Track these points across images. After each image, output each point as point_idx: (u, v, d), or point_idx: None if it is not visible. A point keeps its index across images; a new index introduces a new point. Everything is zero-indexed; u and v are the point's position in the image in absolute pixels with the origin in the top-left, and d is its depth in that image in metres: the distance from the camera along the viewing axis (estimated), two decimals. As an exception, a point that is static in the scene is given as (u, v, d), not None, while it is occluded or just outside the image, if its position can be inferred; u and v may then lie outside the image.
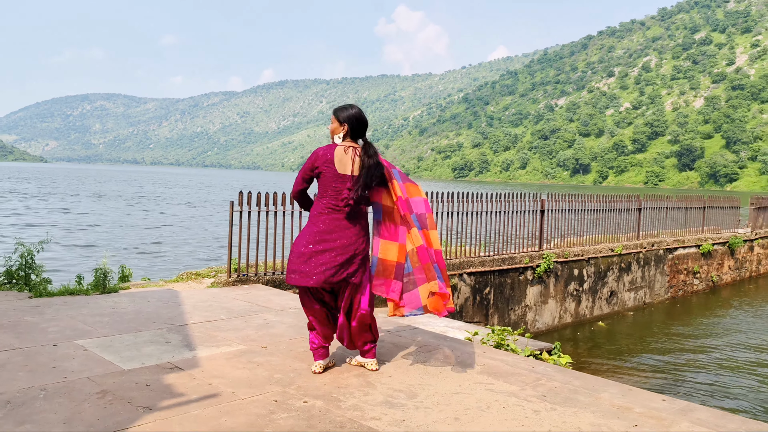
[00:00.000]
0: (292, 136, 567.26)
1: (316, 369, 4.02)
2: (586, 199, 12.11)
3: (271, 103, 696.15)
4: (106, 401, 3.37)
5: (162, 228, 26.32)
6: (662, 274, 13.92)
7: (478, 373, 4.23)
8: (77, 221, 27.55)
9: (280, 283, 7.42)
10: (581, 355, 9.59)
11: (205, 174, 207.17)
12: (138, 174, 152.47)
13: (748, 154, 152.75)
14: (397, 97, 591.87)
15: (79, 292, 6.26)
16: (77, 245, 19.47)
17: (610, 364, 9.20)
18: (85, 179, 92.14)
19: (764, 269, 18.41)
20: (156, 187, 74.36)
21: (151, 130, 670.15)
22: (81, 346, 4.39)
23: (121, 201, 43.94)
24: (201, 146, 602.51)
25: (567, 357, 6.02)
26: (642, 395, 3.91)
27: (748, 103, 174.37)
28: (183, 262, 16.99)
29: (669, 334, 11.12)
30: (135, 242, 20.97)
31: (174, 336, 4.79)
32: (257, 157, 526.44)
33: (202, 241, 22.39)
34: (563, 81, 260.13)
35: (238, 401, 3.47)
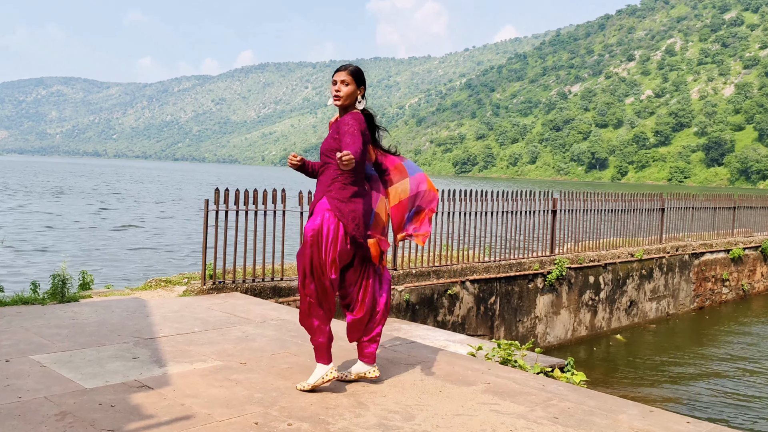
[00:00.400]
0: (273, 126, 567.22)
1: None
2: (602, 198, 12.17)
3: (250, 89, 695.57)
4: (65, 423, 3.38)
5: (128, 229, 26.27)
6: (687, 281, 14.01)
7: (483, 392, 4.26)
8: (31, 221, 27.45)
9: (261, 292, 7.43)
10: (597, 372, 9.64)
11: (176, 168, 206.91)
12: (100, 168, 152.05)
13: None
14: (391, 83, 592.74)
15: (34, 301, 6.26)
16: (31, 249, 19.41)
17: (630, 383, 9.26)
18: (40, 174, 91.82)
19: (801, 276, 18.55)
20: (120, 183, 74.21)
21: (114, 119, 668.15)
22: (37, 362, 4.39)
23: (81, 199, 43.82)
24: (171, 137, 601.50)
25: (581, 374, 6.06)
26: (664, 417, 3.95)
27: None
28: (152, 268, 16.96)
29: (695, 350, 11.20)
30: (97, 245, 20.91)
31: (142, 351, 4.80)
32: (234, 150, 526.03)
33: (174, 244, 22.36)
34: (578, 65, 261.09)
35: (214, 423, 3.48)
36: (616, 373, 9.75)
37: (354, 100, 4.12)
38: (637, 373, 9.77)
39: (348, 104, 4.11)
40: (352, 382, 4.29)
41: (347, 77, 4.07)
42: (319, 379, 4.02)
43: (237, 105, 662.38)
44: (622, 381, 9.33)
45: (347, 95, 4.07)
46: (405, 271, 8.79)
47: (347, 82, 4.07)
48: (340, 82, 4.07)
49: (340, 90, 4.06)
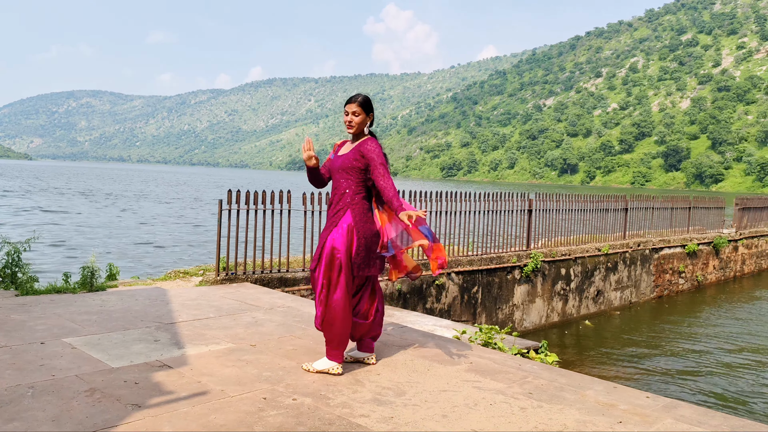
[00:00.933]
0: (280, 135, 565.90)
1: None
2: (573, 199, 12.20)
3: (260, 102, 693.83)
4: (94, 399, 3.38)
5: (150, 226, 26.18)
6: (648, 273, 14.06)
7: (466, 371, 4.27)
8: (64, 220, 27.34)
9: (269, 282, 7.43)
10: (568, 353, 9.67)
11: (193, 172, 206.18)
12: (125, 172, 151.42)
13: (733, 155, 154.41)
14: (385, 96, 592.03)
15: (66, 290, 6.24)
16: (64, 244, 19.33)
17: (597, 363, 9.29)
18: (71, 177, 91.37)
19: (748, 269, 18.64)
20: (143, 185, 73.91)
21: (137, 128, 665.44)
22: (69, 344, 4.38)
23: (109, 199, 43.64)
24: (188, 144, 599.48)
25: (554, 355, 6.08)
26: (627, 392, 3.97)
27: (733, 104, 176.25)
28: (171, 261, 16.92)
29: (655, 334, 11.24)
30: (123, 240, 20.85)
31: (162, 334, 4.80)
32: (245, 156, 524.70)
33: (191, 239, 22.30)
34: (551, 81, 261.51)
35: (227, 399, 3.48)
36: (585, 354, 9.78)
37: (364, 127, 4.19)
38: (603, 354, 9.80)
39: (360, 131, 4.18)
40: (351, 363, 4.31)
41: (357, 108, 4.13)
42: (326, 368, 4.03)
43: (247, 116, 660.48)
44: (590, 361, 9.36)
45: (358, 124, 4.14)
46: (397, 264, 8.78)
47: (357, 113, 4.13)
48: (351, 113, 4.13)
49: (352, 120, 4.13)
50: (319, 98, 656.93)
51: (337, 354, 4.04)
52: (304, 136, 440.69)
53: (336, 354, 4.04)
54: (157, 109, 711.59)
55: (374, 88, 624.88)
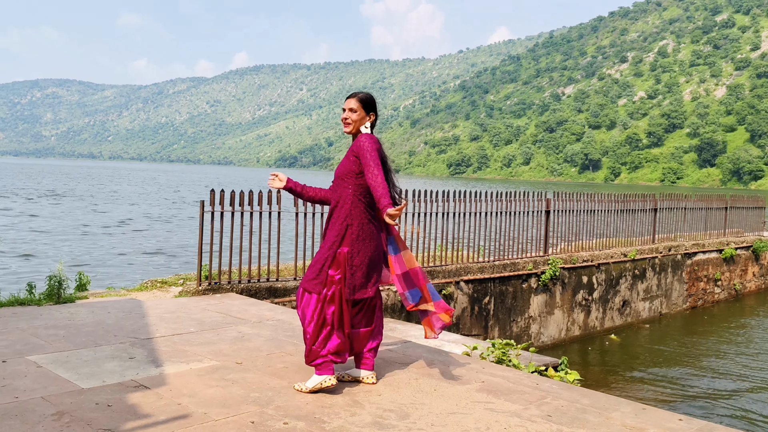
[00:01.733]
0: (268, 128, 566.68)
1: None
2: (596, 199, 12.22)
3: (245, 91, 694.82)
4: (62, 423, 3.38)
5: (124, 231, 26.21)
6: (680, 281, 14.07)
7: (477, 390, 4.27)
8: (27, 224, 27.36)
9: (256, 292, 7.44)
10: (591, 371, 9.68)
11: (171, 170, 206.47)
12: (95, 170, 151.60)
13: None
14: (386, 85, 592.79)
15: (30, 302, 6.25)
16: (27, 251, 19.35)
17: (623, 381, 9.29)
18: (36, 176, 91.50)
19: (792, 276, 18.64)
20: (116, 185, 74.01)
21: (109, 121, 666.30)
22: (33, 362, 4.39)
23: (79, 201, 43.69)
24: (166, 139, 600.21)
25: (575, 373, 6.09)
26: (657, 414, 3.97)
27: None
28: (148, 270, 16.93)
29: (688, 349, 11.25)
30: (94, 247, 20.87)
31: (138, 351, 4.80)
32: (229, 151, 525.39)
33: (170, 245, 22.32)
34: (571, 67, 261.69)
35: (211, 423, 3.49)
36: (610, 372, 9.79)
37: (361, 127, 4.18)
38: (630, 372, 9.81)
39: (357, 131, 4.18)
40: (349, 382, 4.31)
41: (356, 104, 4.12)
42: (317, 384, 4.03)
43: (232, 107, 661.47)
44: (615, 380, 9.36)
45: (354, 122, 4.13)
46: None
47: (355, 110, 4.12)
48: (349, 110, 4.13)
49: (348, 117, 4.14)
50: (311, 87, 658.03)
51: (329, 368, 4.06)
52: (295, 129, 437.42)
53: (326, 369, 4.06)
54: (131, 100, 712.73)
55: (373, 75, 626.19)
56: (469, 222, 9.81)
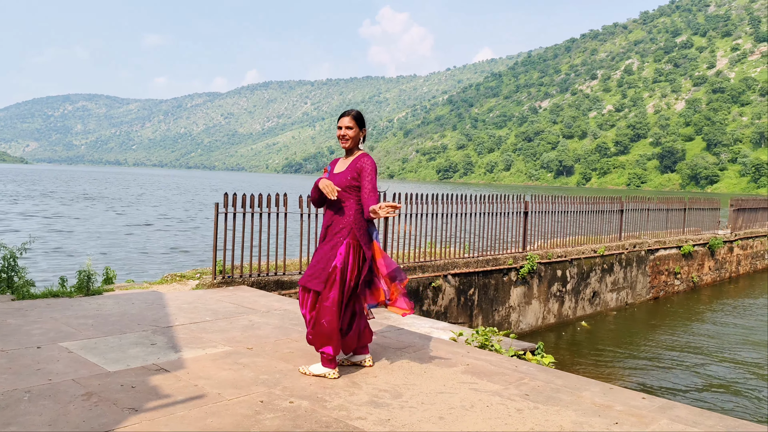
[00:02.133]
0: (276, 138, 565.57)
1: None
2: (569, 201, 12.23)
3: (256, 105, 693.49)
4: (91, 403, 3.37)
5: (147, 230, 26.13)
6: (644, 274, 14.09)
7: (463, 372, 4.28)
8: (60, 224, 27.27)
9: (265, 285, 7.43)
10: (564, 355, 9.68)
11: (189, 175, 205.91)
12: (121, 175, 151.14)
13: (728, 157, 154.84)
14: (381, 99, 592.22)
15: (62, 294, 6.23)
16: (60, 248, 19.28)
17: (593, 364, 9.30)
18: (68, 181, 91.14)
19: (744, 270, 18.69)
20: (140, 188, 73.79)
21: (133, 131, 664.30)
22: (65, 348, 4.38)
23: (106, 203, 43.55)
24: (184, 147, 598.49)
25: (550, 357, 6.08)
26: (623, 394, 3.98)
27: (728, 105, 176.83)
28: (168, 265, 16.89)
29: (651, 334, 11.27)
30: (120, 245, 20.80)
31: (159, 338, 4.79)
32: (241, 159, 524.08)
33: (188, 243, 22.27)
34: (547, 83, 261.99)
35: (224, 402, 3.48)
36: (581, 355, 9.80)
37: (358, 142, 4.20)
38: (599, 355, 9.82)
39: (354, 146, 4.17)
40: (348, 366, 4.31)
41: (351, 122, 4.13)
42: (321, 374, 4.02)
43: (244, 119, 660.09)
44: (586, 362, 9.38)
45: (352, 138, 4.14)
46: (394, 266, 8.79)
47: (351, 127, 4.12)
48: (345, 127, 4.13)
49: (346, 134, 4.13)
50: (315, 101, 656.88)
51: (332, 362, 4.04)
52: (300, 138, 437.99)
53: (331, 364, 4.04)
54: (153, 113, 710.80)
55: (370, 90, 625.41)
56: (456, 222, 9.82)
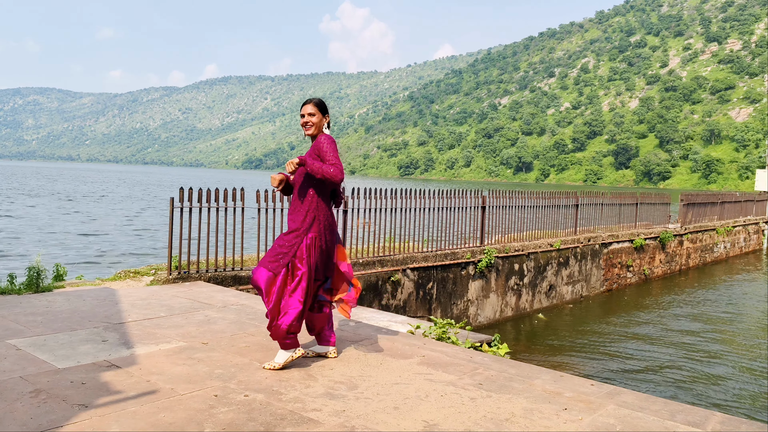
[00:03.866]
0: (236, 133, 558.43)
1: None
2: (525, 196, 12.43)
3: (215, 100, 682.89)
4: (39, 400, 3.30)
5: (100, 226, 25.52)
6: (598, 267, 14.44)
7: (418, 364, 4.33)
8: (6, 220, 26.41)
9: (223, 280, 7.36)
10: (521, 346, 9.86)
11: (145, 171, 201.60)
12: (73, 171, 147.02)
13: (680, 153, 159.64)
14: (342, 95, 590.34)
15: (10, 291, 6.06)
16: (8, 246, 18.69)
17: (548, 354, 9.50)
18: (15, 177, 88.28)
19: (693, 263, 19.31)
20: (92, 185, 71.95)
21: (87, 126, 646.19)
22: (13, 346, 4.26)
23: (57, 199, 42.34)
24: (140, 143, 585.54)
25: (505, 347, 6.20)
26: (572, 381, 4.09)
27: (680, 104, 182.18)
28: (121, 261, 16.54)
29: (604, 325, 11.56)
30: (71, 242, 20.27)
31: (111, 334, 4.71)
32: (200, 155, 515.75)
33: (142, 239, 21.83)
34: (506, 80, 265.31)
35: (177, 397, 3.45)
36: (537, 346, 9.99)
37: (321, 128, 4.23)
38: (555, 346, 10.03)
39: (317, 133, 4.21)
40: (311, 358, 4.33)
41: (313, 109, 4.18)
42: (287, 358, 4.04)
43: (202, 114, 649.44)
44: (542, 353, 9.57)
45: (316, 124, 4.18)
46: (353, 261, 8.81)
47: (314, 113, 4.17)
48: (308, 114, 4.18)
49: (308, 121, 4.18)
50: (275, 96, 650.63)
51: (293, 344, 4.07)
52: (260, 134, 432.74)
53: (291, 345, 4.06)
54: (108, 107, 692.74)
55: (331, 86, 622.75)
56: (415, 216, 9.87)
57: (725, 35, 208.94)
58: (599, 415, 3.45)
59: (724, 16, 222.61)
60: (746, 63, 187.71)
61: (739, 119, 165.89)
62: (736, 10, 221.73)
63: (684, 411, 3.61)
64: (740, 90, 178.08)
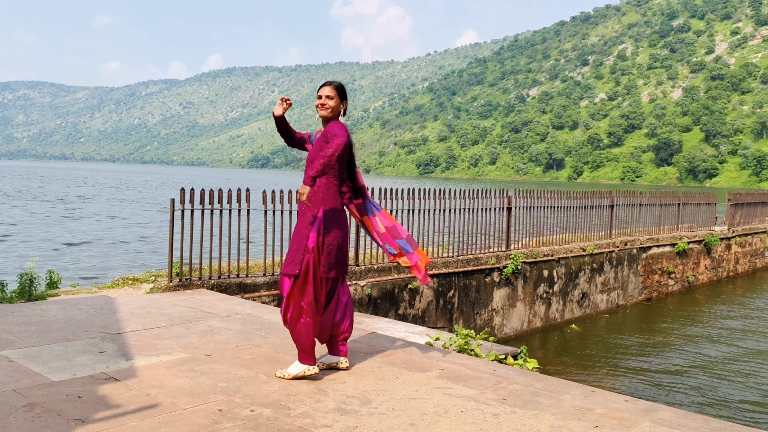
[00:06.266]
0: (241, 129, 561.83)
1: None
2: (555, 196, 12.41)
3: (218, 93, 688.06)
4: (33, 414, 3.40)
5: (96, 230, 25.86)
6: (636, 274, 14.37)
7: (437, 377, 4.37)
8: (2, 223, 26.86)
9: (227, 288, 7.45)
10: (552, 359, 9.85)
11: (144, 171, 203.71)
12: (68, 171, 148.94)
13: (728, 148, 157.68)
14: (356, 87, 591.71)
15: (2, 300, 6.20)
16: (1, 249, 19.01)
17: (581, 368, 9.49)
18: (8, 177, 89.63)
19: (742, 269, 19.13)
20: (88, 186, 72.85)
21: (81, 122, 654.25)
22: (5, 357, 4.38)
23: (50, 201, 42.93)
24: (139, 140, 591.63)
25: (533, 362, 6.21)
26: (604, 396, 4.11)
27: (728, 93, 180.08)
28: (120, 267, 16.75)
29: (643, 338, 11.50)
30: (66, 247, 20.57)
31: (109, 345, 4.81)
32: (202, 152, 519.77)
33: (141, 243, 22.09)
34: (535, 70, 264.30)
35: (179, 411, 3.53)
36: (569, 359, 9.98)
37: (338, 114, 4.31)
38: (588, 359, 10.01)
39: (333, 117, 4.28)
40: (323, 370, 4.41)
41: (332, 92, 4.26)
42: (301, 372, 4.14)
43: (205, 108, 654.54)
44: (574, 367, 9.56)
45: (332, 108, 4.25)
46: (367, 267, 8.88)
47: (332, 96, 4.25)
48: (325, 96, 4.26)
49: (326, 103, 4.25)
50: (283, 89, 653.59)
51: (310, 358, 4.16)
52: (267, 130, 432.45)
53: (309, 358, 4.15)
54: (104, 102, 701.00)
55: (344, 77, 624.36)
56: (435, 218, 9.91)
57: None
58: (633, 433, 3.47)
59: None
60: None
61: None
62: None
63: (725, 429, 3.61)
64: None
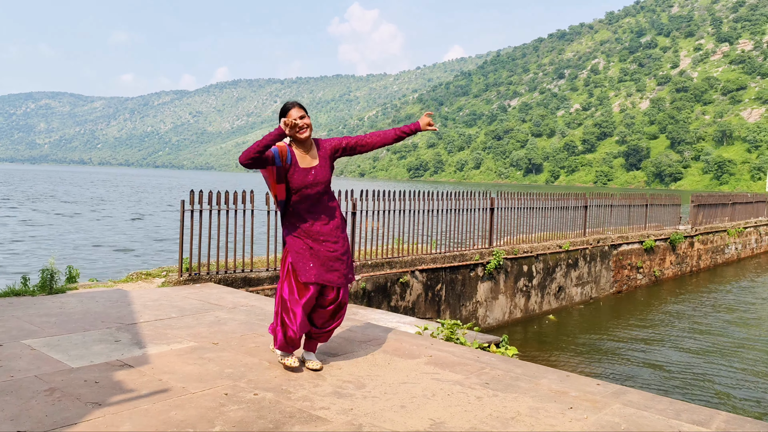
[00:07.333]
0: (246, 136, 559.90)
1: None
2: (534, 197, 12.44)
3: (225, 103, 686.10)
4: (54, 398, 3.38)
5: (111, 229, 25.75)
6: (607, 269, 14.41)
7: (426, 363, 4.37)
8: (25, 223, 26.69)
9: (233, 282, 7.44)
10: (530, 347, 9.88)
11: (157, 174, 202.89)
12: (86, 175, 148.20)
13: (691, 154, 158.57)
14: (351, 98, 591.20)
15: (24, 293, 6.16)
16: (24, 247, 18.90)
17: (557, 355, 9.51)
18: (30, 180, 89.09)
19: (704, 264, 19.22)
20: (105, 188, 72.51)
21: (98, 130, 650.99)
22: (28, 346, 4.35)
23: (72, 202, 42.72)
24: (151, 146, 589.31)
25: (513, 349, 6.23)
26: (579, 380, 4.12)
27: (691, 104, 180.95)
28: (133, 263, 16.69)
29: (614, 327, 11.55)
30: (84, 244, 20.47)
31: (123, 335, 4.79)
32: (210, 158, 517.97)
33: (154, 241, 22.01)
34: (516, 82, 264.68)
35: (189, 395, 3.52)
36: (547, 347, 10.01)
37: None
38: (564, 347, 10.04)
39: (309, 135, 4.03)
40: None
41: (304, 112, 3.98)
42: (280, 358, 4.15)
43: (212, 117, 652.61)
44: (550, 354, 9.58)
45: (310, 126, 3.98)
46: (362, 262, 8.88)
47: (306, 116, 3.97)
48: (305, 117, 3.96)
49: (308, 123, 3.96)
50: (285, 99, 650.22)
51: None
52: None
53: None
54: (119, 111, 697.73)
55: (340, 89, 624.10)
56: (423, 218, 9.92)
57: (736, 35, 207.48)
58: (604, 414, 3.48)
59: (735, 16, 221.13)
60: (758, 63, 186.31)
61: (751, 120, 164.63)
62: (747, 10, 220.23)
63: (689, 410, 3.63)
64: (752, 90, 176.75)
